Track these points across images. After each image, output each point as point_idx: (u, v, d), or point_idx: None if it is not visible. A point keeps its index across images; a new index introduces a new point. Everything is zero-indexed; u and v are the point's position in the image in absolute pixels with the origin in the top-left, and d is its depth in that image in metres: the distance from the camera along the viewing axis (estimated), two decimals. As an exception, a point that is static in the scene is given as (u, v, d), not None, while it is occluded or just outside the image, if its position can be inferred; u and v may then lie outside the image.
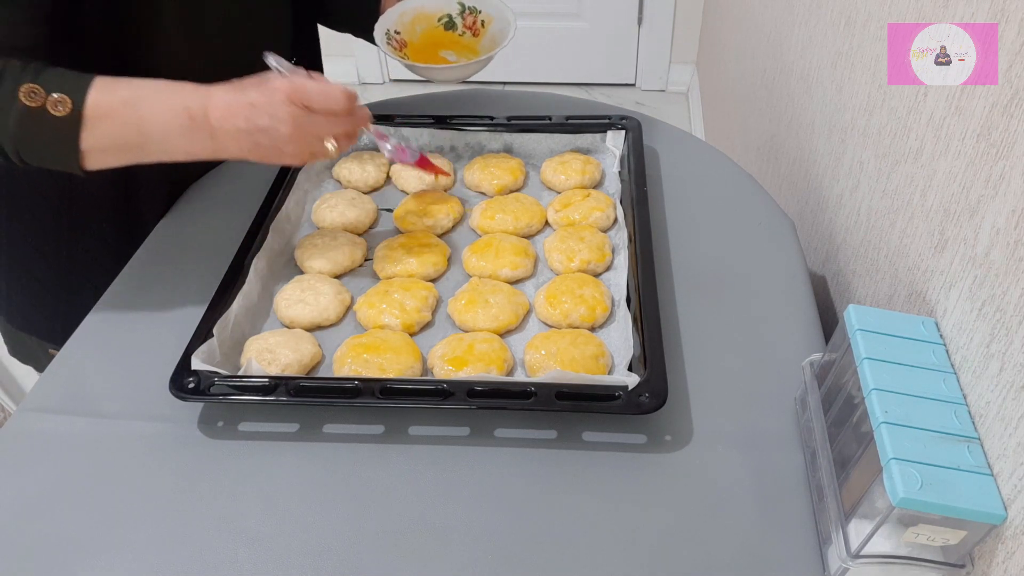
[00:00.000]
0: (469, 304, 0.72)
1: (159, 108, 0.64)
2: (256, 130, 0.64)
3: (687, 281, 0.77)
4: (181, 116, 0.64)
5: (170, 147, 0.66)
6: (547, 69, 2.61)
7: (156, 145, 0.65)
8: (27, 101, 0.61)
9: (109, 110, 0.63)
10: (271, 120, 0.64)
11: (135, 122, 0.64)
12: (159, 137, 0.65)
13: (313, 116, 0.66)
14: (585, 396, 0.62)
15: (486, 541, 0.57)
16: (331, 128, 0.67)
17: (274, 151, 0.66)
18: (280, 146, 0.66)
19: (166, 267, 0.82)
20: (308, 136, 0.66)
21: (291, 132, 0.65)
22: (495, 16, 0.91)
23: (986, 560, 0.50)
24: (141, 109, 0.64)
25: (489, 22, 0.91)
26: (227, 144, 0.66)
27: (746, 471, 0.60)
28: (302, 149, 0.67)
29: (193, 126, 0.64)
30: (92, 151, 0.64)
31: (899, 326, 0.57)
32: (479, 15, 0.91)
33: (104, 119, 0.63)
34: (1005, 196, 0.50)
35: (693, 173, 0.92)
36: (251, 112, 0.64)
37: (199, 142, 0.65)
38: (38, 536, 0.58)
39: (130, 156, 0.66)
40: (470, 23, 0.91)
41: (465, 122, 0.94)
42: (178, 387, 0.64)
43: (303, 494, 0.60)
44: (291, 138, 0.65)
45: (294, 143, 0.66)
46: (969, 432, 0.50)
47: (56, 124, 0.62)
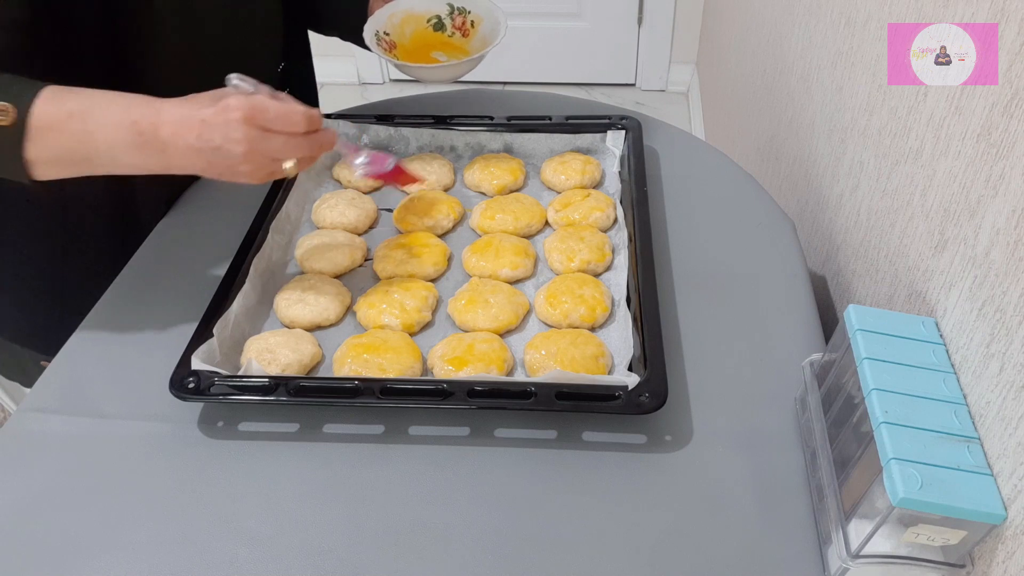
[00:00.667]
0: (469, 304, 0.72)
1: (106, 122, 0.62)
2: (209, 149, 0.62)
3: (687, 281, 0.77)
4: (129, 131, 0.62)
5: (119, 161, 0.64)
6: (547, 69, 2.61)
7: (104, 159, 0.64)
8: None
9: (54, 122, 0.61)
10: (224, 140, 0.61)
11: (81, 135, 0.62)
12: (106, 151, 0.63)
13: (270, 137, 0.63)
14: (585, 396, 0.62)
15: (486, 541, 0.57)
16: (288, 150, 0.65)
17: (228, 170, 0.64)
18: (234, 166, 0.63)
19: (166, 267, 0.82)
20: (264, 157, 0.64)
21: (245, 152, 0.62)
22: (485, 16, 0.90)
23: (986, 560, 0.50)
24: (88, 122, 0.62)
25: (479, 23, 0.90)
26: (178, 160, 0.63)
27: (746, 471, 0.60)
28: (257, 169, 0.64)
29: (141, 141, 0.62)
30: (38, 163, 0.63)
31: (899, 326, 0.57)
32: (468, 15, 0.90)
33: (49, 131, 0.61)
34: (1005, 196, 0.50)
35: (693, 173, 0.92)
36: (203, 129, 0.62)
37: (149, 157, 0.63)
38: (38, 536, 0.58)
39: (78, 168, 0.65)
40: (459, 24, 0.90)
41: (465, 122, 0.94)
42: (178, 387, 0.64)
43: (303, 494, 0.60)
44: (245, 158, 0.62)
45: (249, 163, 0.63)
46: (969, 432, 0.50)
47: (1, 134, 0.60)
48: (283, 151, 0.64)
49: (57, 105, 0.62)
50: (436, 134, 0.94)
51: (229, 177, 0.65)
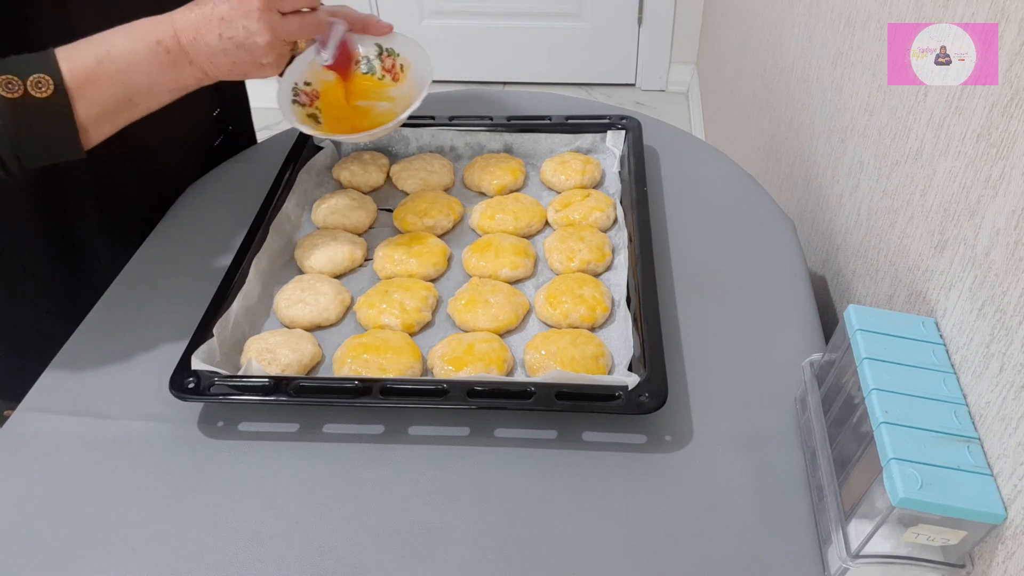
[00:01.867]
0: (469, 304, 0.72)
1: (134, 52, 0.62)
2: (232, 45, 0.63)
3: (687, 281, 0.77)
4: (156, 52, 0.62)
5: (157, 89, 0.65)
6: (547, 69, 2.61)
7: (145, 92, 0.64)
8: (6, 93, 0.59)
9: (89, 73, 0.61)
10: (247, 32, 0.62)
11: (117, 76, 0.62)
12: (145, 81, 0.63)
13: (288, 20, 0.65)
14: (585, 396, 0.62)
15: (486, 541, 0.57)
16: (303, 29, 0.67)
17: (252, 64, 0.65)
18: (258, 58, 0.65)
19: (166, 267, 0.82)
20: (284, 43, 0.66)
21: (269, 41, 0.63)
22: (413, 61, 0.83)
23: (986, 560, 0.50)
24: (117, 61, 0.62)
25: (407, 67, 0.84)
26: (204, 66, 0.64)
27: (746, 471, 0.60)
28: (279, 57, 0.66)
29: (170, 59, 0.63)
30: (88, 123, 0.63)
31: (899, 326, 0.57)
32: (397, 58, 0.84)
33: (88, 84, 0.61)
34: (1005, 196, 0.50)
35: (693, 173, 0.92)
36: (223, 27, 0.62)
37: (181, 72, 0.64)
38: (38, 536, 0.58)
39: (124, 115, 0.65)
40: (389, 66, 0.84)
41: (465, 122, 0.94)
42: (178, 387, 0.64)
43: (303, 494, 0.60)
44: (269, 47, 0.64)
45: (273, 51, 0.65)
46: (969, 432, 0.50)
47: (46, 107, 0.60)
48: (300, 31, 0.66)
49: (81, 58, 0.61)
50: (436, 134, 0.94)
51: (255, 73, 0.67)
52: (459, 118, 0.95)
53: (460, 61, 2.60)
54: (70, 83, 0.61)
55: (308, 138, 0.92)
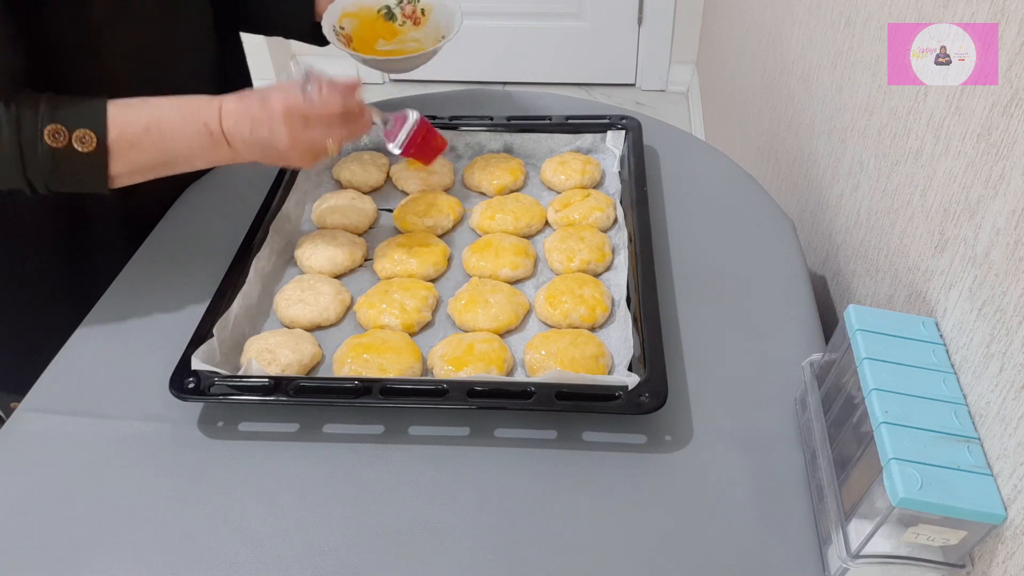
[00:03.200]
0: (469, 304, 0.72)
1: (181, 130, 0.67)
2: (260, 141, 0.69)
3: (687, 281, 0.77)
4: (202, 134, 0.68)
5: (195, 161, 0.70)
6: (547, 69, 2.61)
7: (182, 161, 0.69)
8: (52, 143, 0.63)
9: (134, 140, 0.66)
10: (270, 134, 0.68)
11: (161, 146, 0.67)
12: (185, 155, 0.69)
13: (310, 127, 0.69)
14: (585, 396, 0.62)
15: (486, 541, 0.57)
16: (328, 135, 0.71)
17: (280, 158, 0.71)
18: (283, 154, 0.70)
19: (166, 267, 0.82)
20: (306, 145, 0.70)
21: (289, 144, 0.69)
22: (435, 5, 0.92)
23: (986, 560, 0.50)
24: (164, 134, 0.67)
25: (429, 10, 0.92)
26: (241, 150, 0.70)
27: (746, 471, 0.60)
28: (303, 154, 0.71)
29: (212, 142, 0.68)
30: (120, 176, 0.67)
31: (899, 326, 0.57)
32: (418, 4, 0.92)
33: (130, 149, 0.66)
34: (1005, 196, 0.50)
35: (693, 173, 0.92)
36: (254, 126, 0.68)
37: (219, 151, 0.69)
38: (38, 536, 0.58)
39: (155, 173, 0.69)
40: (410, 13, 0.91)
41: (465, 122, 0.94)
42: (178, 387, 0.64)
43: (303, 494, 0.60)
44: (291, 147, 0.69)
45: (295, 151, 0.70)
46: (969, 432, 0.50)
47: (84, 159, 0.64)
48: (323, 137, 0.71)
49: (131, 123, 0.66)
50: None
51: (283, 163, 0.74)
52: (459, 118, 0.95)
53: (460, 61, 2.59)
54: (113, 145, 0.65)
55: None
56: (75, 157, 0.64)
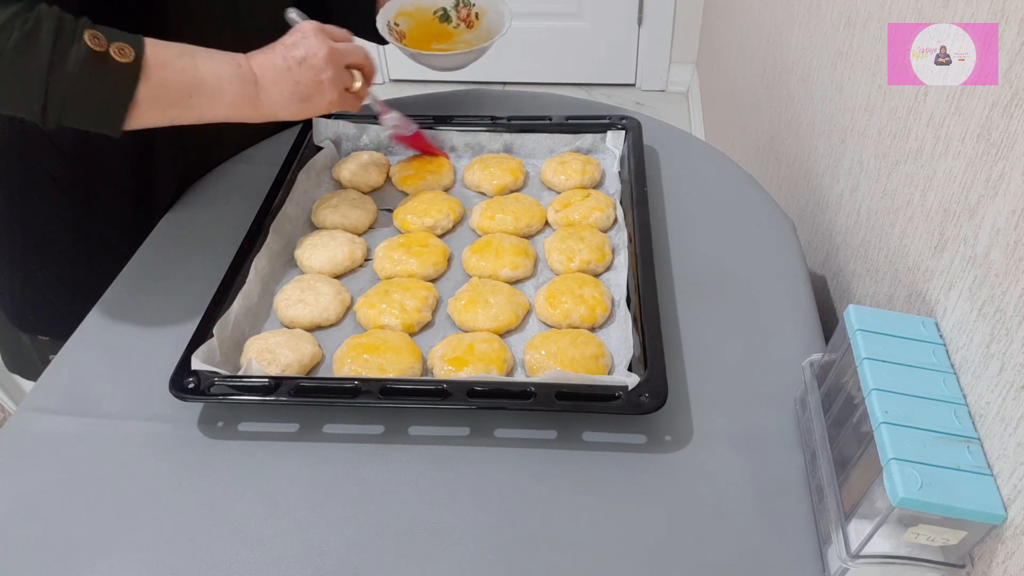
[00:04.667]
0: (469, 304, 0.72)
1: (211, 59, 0.69)
2: (295, 63, 0.71)
3: (687, 281, 0.77)
4: (231, 65, 0.70)
5: (218, 98, 0.70)
6: (547, 69, 2.61)
7: (207, 96, 0.69)
8: (92, 45, 0.62)
9: (168, 59, 0.67)
10: (306, 48, 0.71)
11: (191, 72, 0.68)
12: (212, 86, 0.69)
13: (341, 45, 0.73)
14: (585, 396, 0.62)
15: (486, 541, 0.57)
16: (357, 55, 0.75)
17: (314, 83, 0.72)
18: (318, 73, 0.72)
19: (167, 267, 0.82)
20: (341, 64, 0.73)
21: (327, 53, 0.72)
22: (489, 9, 0.94)
23: (986, 560, 0.50)
24: (196, 60, 0.68)
25: (483, 15, 0.95)
26: (269, 89, 0.71)
27: (746, 471, 0.60)
28: (337, 75, 0.73)
29: (240, 73, 0.70)
30: (143, 103, 0.66)
31: (899, 326, 0.57)
32: (473, 8, 0.95)
33: (163, 68, 0.66)
34: (1005, 196, 0.50)
35: (693, 173, 0.92)
36: (287, 51, 0.71)
37: (246, 90, 0.70)
38: (38, 536, 0.58)
39: (175, 112, 0.69)
40: (464, 15, 0.94)
41: (465, 122, 0.94)
42: (178, 387, 0.64)
43: (303, 494, 0.60)
44: (327, 59, 0.72)
45: (331, 65, 0.72)
46: (969, 432, 0.50)
47: (117, 71, 0.64)
48: (352, 53, 0.75)
49: (166, 47, 0.67)
50: (436, 134, 0.94)
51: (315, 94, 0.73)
52: (459, 118, 0.95)
53: (460, 61, 2.60)
54: (149, 60, 0.65)
55: (308, 138, 0.93)
56: (109, 67, 0.63)
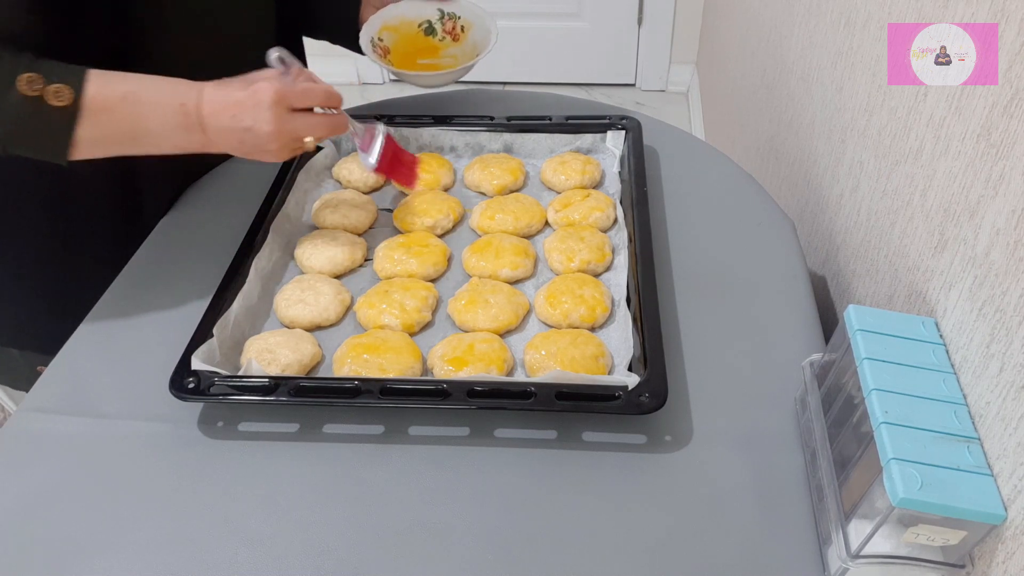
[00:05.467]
0: (469, 304, 0.72)
1: (157, 103, 0.66)
2: (241, 129, 0.67)
3: (687, 281, 0.77)
4: (177, 113, 0.66)
5: (163, 142, 0.68)
6: (547, 69, 2.61)
7: (150, 139, 0.67)
8: (26, 90, 0.61)
9: (108, 103, 0.64)
10: (254, 121, 0.67)
11: (133, 117, 0.66)
12: (156, 132, 0.67)
13: (295, 117, 0.69)
14: (585, 396, 0.62)
15: (486, 541, 0.57)
16: (310, 128, 0.70)
17: (256, 148, 0.69)
18: (263, 144, 0.69)
19: (166, 267, 0.82)
20: (289, 136, 0.69)
21: (272, 131, 0.67)
22: (475, 22, 0.92)
23: (986, 560, 0.50)
24: (140, 105, 0.65)
25: (469, 27, 0.92)
26: (216, 139, 0.68)
27: (746, 471, 0.60)
28: (283, 147, 0.70)
29: (187, 123, 0.66)
30: (84, 142, 0.65)
31: (899, 326, 0.57)
32: (459, 20, 0.92)
33: (103, 112, 0.64)
34: (1005, 196, 0.50)
35: (693, 173, 0.92)
36: (237, 111, 0.67)
37: (191, 136, 0.67)
38: (38, 536, 0.58)
39: (119, 149, 0.68)
40: (450, 28, 0.92)
41: (465, 122, 0.94)
42: (178, 387, 0.64)
43: (303, 494, 0.60)
44: (273, 137, 0.68)
45: (276, 141, 0.68)
46: (969, 432, 0.50)
47: (54, 114, 0.62)
48: (305, 129, 0.70)
49: (109, 87, 0.64)
50: (436, 134, 0.94)
51: (258, 156, 0.71)
52: (459, 118, 0.95)
53: (460, 61, 2.60)
54: (87, 104, 0.63)
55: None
56: (45, 110, 0.62)
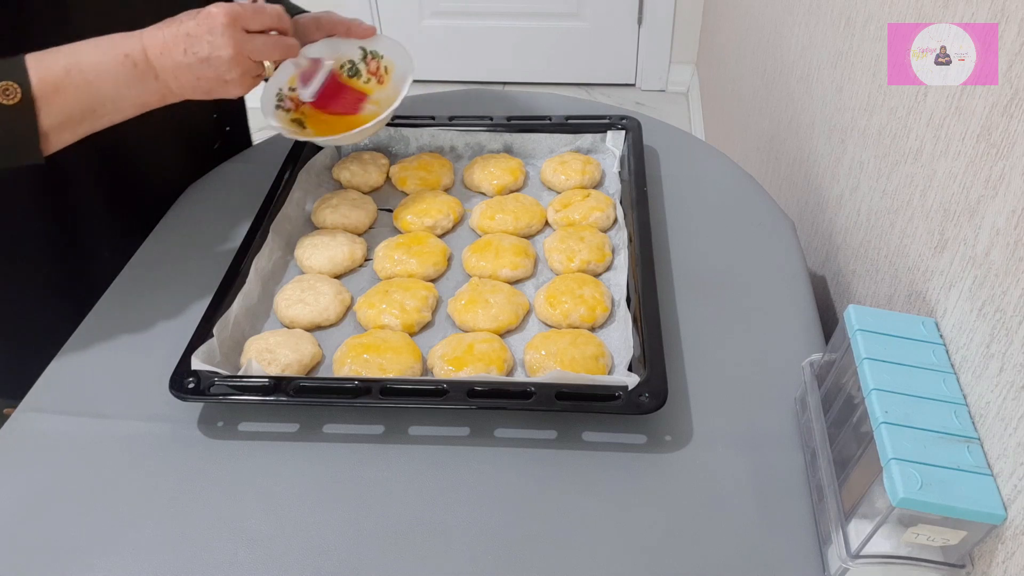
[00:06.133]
0: (469, 304, 0.72)
1: (101, 65, 0.63)
2: (197, 61, 0.64)
3: (687, 281, 0.77)
4: (124, 65, 0.63)
5: (122, 102, 0.66)
6: (547, 69, 2.61)
7: (109, 104, 0.65)
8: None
9: (57, 83, 0.62)
10: (211, 47, 0.64)
11: (84, 87, 0.63)
12: (111, 95, 0.64)
13: (253, 37, 0.66)
14: (585, 396, 0.62)
15: (486, 541, 0.57)
16: (269, 48, 0.68)
17: (217, 80, 0.66)
18: (223, 74, 0.66)
19: (166, 267, 0.82)
20: (248, 60, 0.66)
21: (233, 56, 0.65)
22: (396, 61, 0.85)
23: (986, 560, 0.50)
24: (86, 72, 0.63)
25: (391, 68, 0.85)
26: (170, 82, 0.65)
27: (746, 471, 0.60)
28: (244, 73, 0.67)
29: (136, 72, 0.64)
30: (51, 130, 0.63)
31: (899, 326, 0.57)
32: (381, 60, 0.86)
33: (56, 94, 0.62)
34: (1005, 196, 0.50)
35: (693, 173, 0.92)
36: (189, 43, 0.63)
37: (146, 87, 0.65)
38: (38, 536, 0.58)
39: (86, 125, 0.66)
40: (374, 69, 0.85)
41: (465, 122, 0.94)
42: (178, 387, 0.64)
43: (303, 494, 0.60)
44: (233, 62, 0.65)
45: (237, 67, 0.66)
46: (969, 432, 0.50)
47: (11, 113, 0.61)
48: (263, 50, 0.67)
49: (51, 67, 0.62)
50: (436, 134, 0.94)
51: (219, 90, 0.67)
52: (459, 118, 0.95)
53: (460, 61, 2.60)
54: (37, 92, 0.61)
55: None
56: (2, 113, 0.60)
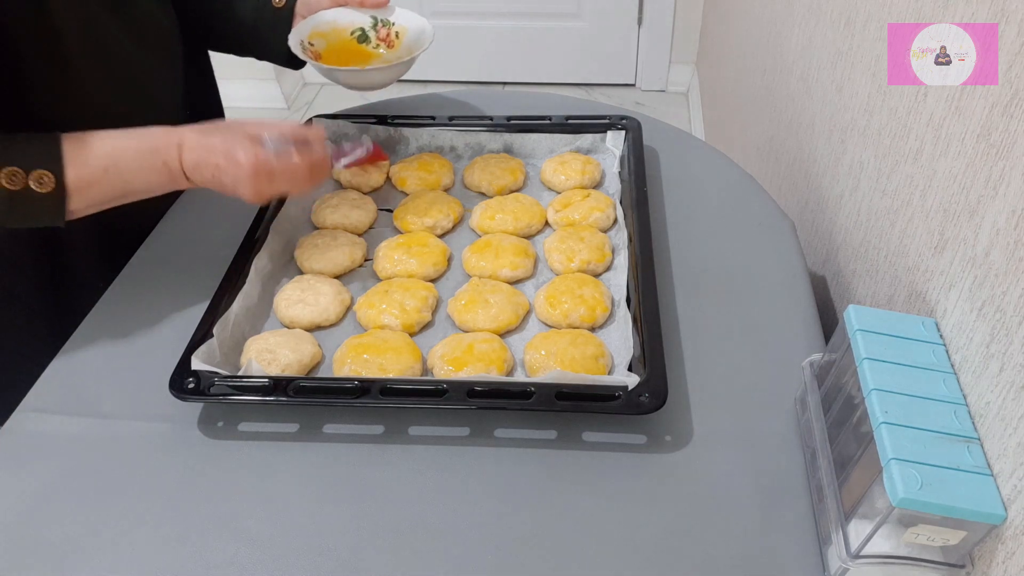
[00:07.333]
0: (469, 304, 0.72)
1: (140, 168, 0.67)
2: (219, 185, 0.69)
3: (687, 281, 0.77)
4: (161, 173, 0.68)
5: (150, 193, 0.70)
6: (547, 69, 2.61)
7: (139, 194, 0.70)
8: (8, 185, 0.62)
9: (92, 179, 0.65)
10: (234, 185, 0.68)
11: (119, 184, 0.67)
12: (142, 188, 0.69)
13: (275, 183, 0.70)
14: (585, 396, 0.62)
15: (486, 541, 0.57)
16: (291, 188, 0.72)
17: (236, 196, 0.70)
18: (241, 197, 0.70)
19: (166, 267, 0.82)
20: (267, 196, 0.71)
21: (252, 196, 0.69)
22: (409, 27, 0.90)
23: (986, 560, 0.50)
24: (123, 173, 0.67)
25: (403, 33, 0.90)
26: (197, 183, 0.70)
27: (746, 471, 0.60)
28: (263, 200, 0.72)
29: (171, 176, 0.69)
30: (78, 211, 0.67)
31: (899, 326, 0.57)
32: (392, 27, 0.90)
33: (89, 188, 0.66)
34: (1005, 196, 0.50)
35: (693, 173, 0.92)
36: (216, 172, 0.68)
37: (176, 185, 0.70)
38: (38, 536, 0.58)
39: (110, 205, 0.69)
40: (384, 36, 0.90)
41: (465, 122, 0.94)
42: (178, 387, 0.64)
43: (303, 494, 0.60)
44: (253, 199, 0.70)
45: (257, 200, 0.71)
46: (969, 432, 0.50)
47: (43, 199, 0.63)
48: (287, 190, 0.73)
49: (88, 163, 0.65)
50: (436, 134, 0.94)
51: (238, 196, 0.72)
52: (459, 118, 0.95)
53: (460, 61, 2.60)
54: (72, 185, 0.64)
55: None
56: (33, 197, 0.63)
